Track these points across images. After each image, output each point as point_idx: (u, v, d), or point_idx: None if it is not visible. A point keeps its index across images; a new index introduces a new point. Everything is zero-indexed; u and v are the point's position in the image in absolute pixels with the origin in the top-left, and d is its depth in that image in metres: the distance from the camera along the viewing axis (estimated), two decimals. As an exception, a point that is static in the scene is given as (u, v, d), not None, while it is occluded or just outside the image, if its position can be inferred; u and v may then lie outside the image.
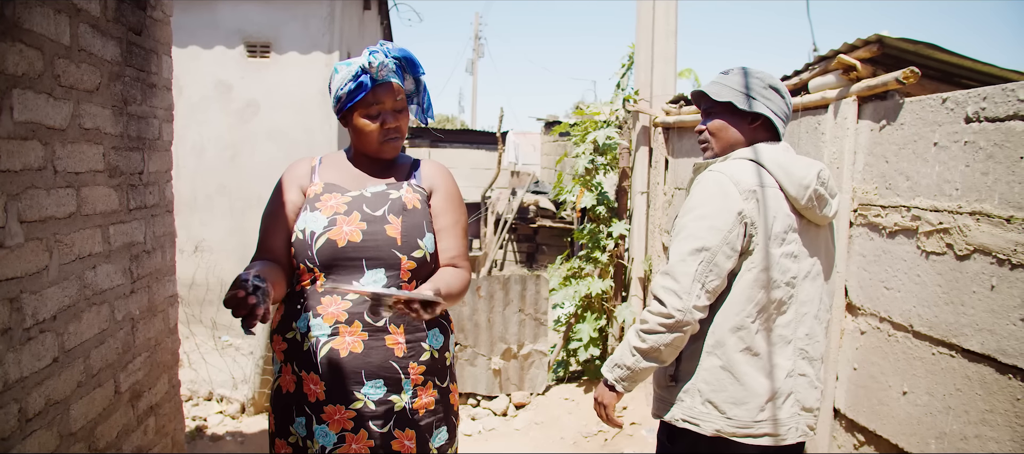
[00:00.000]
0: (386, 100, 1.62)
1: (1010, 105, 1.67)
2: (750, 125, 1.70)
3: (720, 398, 1.61)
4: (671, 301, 1.55)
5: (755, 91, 1.69)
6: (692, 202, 1.63)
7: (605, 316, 4.58)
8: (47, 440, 1.75)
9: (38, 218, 1.71)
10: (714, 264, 1.56)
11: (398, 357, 1.58)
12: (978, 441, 1.74)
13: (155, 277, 2.50)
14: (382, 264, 1.57)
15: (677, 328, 1.57)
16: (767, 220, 1.60)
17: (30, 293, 1.68)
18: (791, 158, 1.67)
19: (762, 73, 1.72)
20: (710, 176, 1.64)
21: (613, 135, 4.50)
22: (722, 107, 1.72)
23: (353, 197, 1.63)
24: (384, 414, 1.58)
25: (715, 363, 1.62)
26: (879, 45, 2.15)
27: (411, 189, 1.67)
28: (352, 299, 1.55)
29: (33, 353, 1.69)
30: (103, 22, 2.05)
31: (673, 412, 1.68)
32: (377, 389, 1.57)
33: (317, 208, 1.60)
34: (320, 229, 1.57)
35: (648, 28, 4.27)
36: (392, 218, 1.59)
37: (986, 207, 1.72)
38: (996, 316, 1.68)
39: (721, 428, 1.61)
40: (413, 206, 1.63)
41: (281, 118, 6.37)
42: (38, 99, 1.70)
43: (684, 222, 1.62)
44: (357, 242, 1.56)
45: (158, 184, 2.52)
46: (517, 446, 3.98)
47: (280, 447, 1.64)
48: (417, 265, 1.60)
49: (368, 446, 1.57)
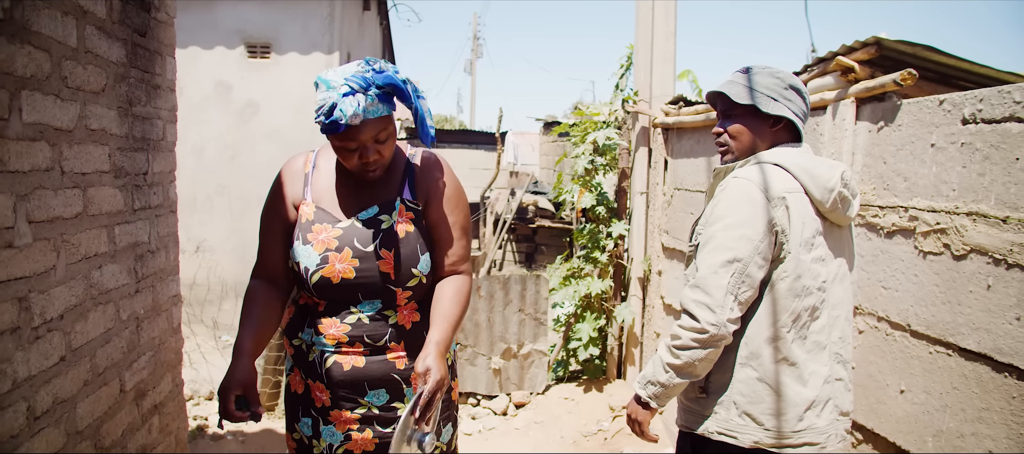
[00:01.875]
0: (363, 137, 1.46)
1: (1006, 107, 1.69)
2: (772, 128, 1.66)
3: (758, 410, 1.58)
4: (704, 315, 1.51)
5: (777, 92, 1.64)
6: (720, 211, 1.58)
7: (605, 316, 4.60)
8: (55, 438, 1.77)
9: (46, 218, 1.73)
10: (746, 275, 1.53)
11: (399, 370, 1.62)
12: (974, 439, 1.76)
13: (159, 277, 2.52)
14: (377, 296, 1.58)
15: (711, 343, 1.53)
16: (797, 227, 1.57)
17: (38, 293, 1.69)
18: (814, 161, 1.64)
19: (783, 72, 1.68)
20: (737, 183, 1.59)
21: (613, 136, 4.52)
22: (743, 109, 1.67)
23: (343, 231, 1.56)
24: (389, 418, 1.63)
25: (751, 375, 1.58)
26: (877, 47, 2.17)
27: (404, 207, 1.60)
28: (351, 322, 1.57)
29: (41, 352, 1.71)
30: (109, 24, 2.07)
31: (707, 425, 1.63)
32: (380, 397, 1.62)
33: (309, 240, 1.56)
34: (313, 266, 1.55)
35: (647, 29, 4.29)
36: (384, 253, 1.55)
37: (982, 208, 1.75)
38: (992, 315, 1.71)
39: (759, 440, 1.58)
40: (406, 233, 1.58)
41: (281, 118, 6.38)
42: (46, 100, 1.72)
43: (713, 232, 1.57)
44: (351, 279, 1.55)
45: (162, 184, 2.54)
46: (517, 445, 3.99)
47: (288, 440, 1.71)
48: (413, 292, 1.61)
49: (374, 443, 1.61)
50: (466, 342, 4.65)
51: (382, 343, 1.59)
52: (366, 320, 1.57)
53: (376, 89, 1.44)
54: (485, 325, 4.67)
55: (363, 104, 1.41)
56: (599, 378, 4.63)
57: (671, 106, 4.02)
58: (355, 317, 1.57)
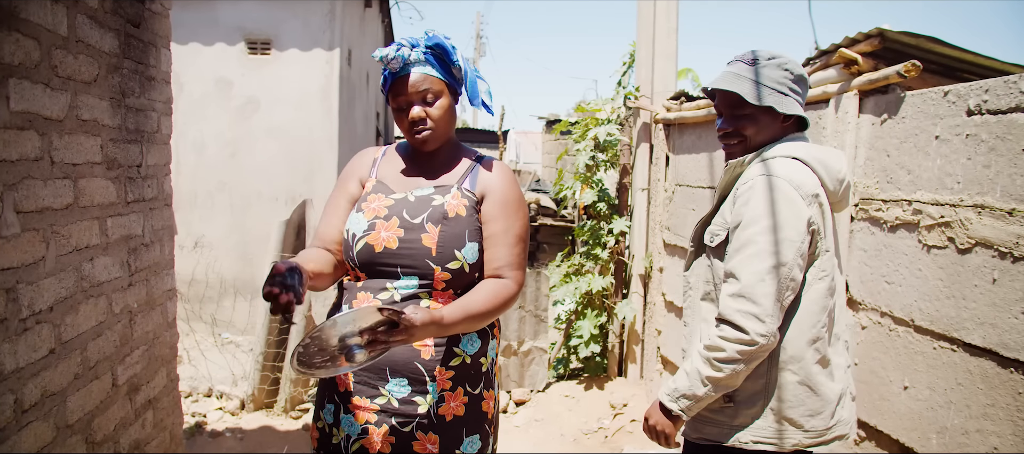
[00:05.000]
0: (406, 91, 1.57)
1: (1012, 97, 1.66)
2: (783, 123, 1.59)
3: (798, 413, 1.52)
4: (753, 327, 1.44)
5: (787, 87, 1.56)
6: (754, 212, 1.49)
7: (606, 313, 4.57)
8: (43, 432, 1.75)
9: (35, 209, 1.70)
10: (791, 279, 1.47)
11: (424, 359, 1.56)
12: (979, 436, 1.72)
13: (153, 270, 2.49)
14: (416, 273, 1.55)
15: (759, 354, 1.47)
16: (829, 223, 1.54)
17: (26, 284, 1.67)
18: (825, 152, 1.59)
19: (791, 62, 1.59)
20: (768, 182, 1.50)
21: (613, 131, 4.49)
22: (755, 108, 1.56)
23: (396, 201, 1.60)
24: (406, 414, 1.56)
25: (792, 379, 1.52)
26: (880, 39, 2.14)
27: (460, 194, 1.61)
28: (383, 299, 1.55)
29: (29, 344, 1.68)
30: (101, 14, 2.04)
31: (740, 436, 1.55)
32: (401, 388, 1.57)
33: (362, 209, 1.60)
34: (360, 232, 1.57)
35: (649, 25, 4.26)
36: (430, 227, 1.55)
37: (988, 200, 1.71)
38: (998, 310, 1.67)
39: (799, 441, 1.54)
40: (456, 214, 1.57)
41: (281, 115, 6.35)
42: (35, 89, 1.69)
43: (751, 235, 1.48)
44: (393, 248, 1.55)
45: (157, 177, 2.52)
46: (517, 443, 3.97)
47: (312, 431, 1.70)
48: (453, 276, 1.56)
49: (389, 442, 1.56)
50: (466, 339, 4.62)
51: None
52: (398, 297, 1.54)
53: (424, 48, 1.58)
54: (485, 322, 4.64)
55: (407, 54, 1.56)
56: (600, 376, 4.60)
57: (672, 102, 3.99)
58: (388, 294, 1.54)
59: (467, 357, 1.60)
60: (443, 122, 1.61)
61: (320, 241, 1.67)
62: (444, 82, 1.60)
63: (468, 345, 1.60)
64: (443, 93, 1.60)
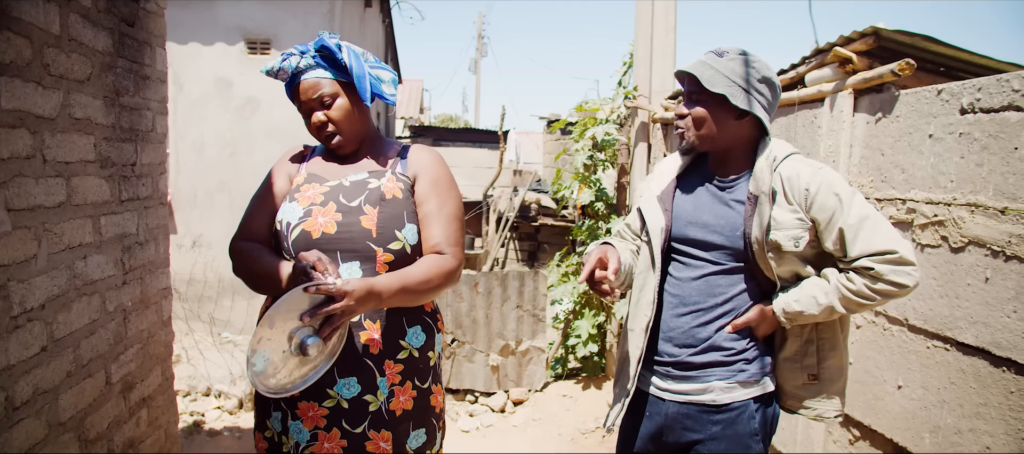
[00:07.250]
0: (305, 97, 1.58)
1: (1005, 96, 1.65)
2: (735, 120, 1.55)
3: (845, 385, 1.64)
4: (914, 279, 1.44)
5: (749, 84, 1.52)
6: (844, 190, 1.47)
7: (604, 313, 4.57)
8: (35, 429, 1.75)
9: (26, 206, 1.71)
10: None
11: (372, 354, 1.53)
12: (972, 435, 1.72)
13: (148, 269, 2.49)
14: (357, 256, 1.52)
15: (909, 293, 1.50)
16: None
17: (17, 281, 1.67)
18: None
19: (759, 61, 1.56)
20: (819, 167, 1.51)
21: (611, 131, 4.48)
22: (710, 96, 1.54)
23: (331, 187, 1.58)
24: (358, 414, 1.52)
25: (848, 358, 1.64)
26: (875, 38, 2.13)
27: (394, 178, 1.61)
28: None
29: (21, 341, 1.68)
30: (94, 12, 2.04)
31: (822, 411, 1.59)
32: (350, 388, 1.52)
33: (296, 199, 1.58)
34: (295, 220, 1.54)
35: (647, 24, 4.25)
36: (368, 209, 1.54)
37: (981, 199, 1.71)
38: (990, 309, 1.67)
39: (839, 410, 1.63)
40: (393, 196, 1.57)
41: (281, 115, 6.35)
42: (26, 87, 1.69)
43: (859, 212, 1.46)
44: (331, 234, 1.51)
45: (151, 176, 2.52)
46: (515, 443, 3.96)
47: (258, 441, 1.62)
48: (395, 257, 1.54)
49: (341, 446, 1.51)
50: (464, 338, 4.62)
51: (356, 318, 1.51)
52: None
53: (313, 52, 1.60)
54: (483, 322, 4.64)
55: (295, 62, 1.58)
56: (598, 375, 4.59)
57: (671, 101, 3.98)
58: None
59: (414, 351, 1.59)
60: (346, 122, 1.60)
61: (247, 235, 1.61)
62: (338, 82, 1.59)
63: (414, 338, 1.60)
64: (339, 94, 1.59)
